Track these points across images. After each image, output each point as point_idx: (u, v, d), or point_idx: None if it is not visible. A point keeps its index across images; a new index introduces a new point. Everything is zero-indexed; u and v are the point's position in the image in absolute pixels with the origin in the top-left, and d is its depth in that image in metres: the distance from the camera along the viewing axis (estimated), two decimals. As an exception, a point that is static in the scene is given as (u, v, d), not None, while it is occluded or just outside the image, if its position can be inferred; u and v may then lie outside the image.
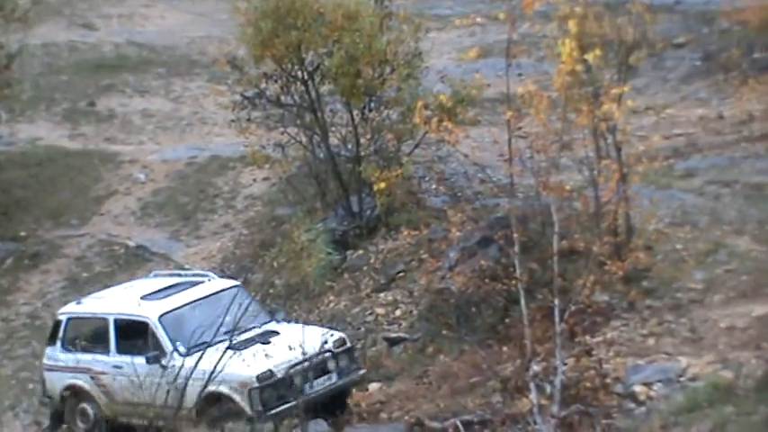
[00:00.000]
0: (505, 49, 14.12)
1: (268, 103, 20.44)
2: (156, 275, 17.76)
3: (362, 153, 19.96)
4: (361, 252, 19.63)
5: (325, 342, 15.66)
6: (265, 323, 16.30)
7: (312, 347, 15.48)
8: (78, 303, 17.27)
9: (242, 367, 15.21)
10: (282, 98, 20.38)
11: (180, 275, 17.50)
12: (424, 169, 20.69)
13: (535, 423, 10.49)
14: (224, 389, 15.25)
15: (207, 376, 14.98)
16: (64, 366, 16.73)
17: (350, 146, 20.20)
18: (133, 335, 16.07)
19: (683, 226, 16.86)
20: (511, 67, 13.73)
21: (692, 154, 19.48)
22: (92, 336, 16.55)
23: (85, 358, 16.50)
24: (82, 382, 16.51)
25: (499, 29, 20.32)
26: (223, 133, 24.56)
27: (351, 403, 15.70)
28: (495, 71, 20.21)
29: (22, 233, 22.53)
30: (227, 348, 15.24)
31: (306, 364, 15.41)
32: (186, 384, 15.07)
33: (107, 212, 23.10)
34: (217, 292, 16.46)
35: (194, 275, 17.40)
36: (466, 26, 26.27)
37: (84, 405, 16.51)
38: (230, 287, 16.68)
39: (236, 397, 15.22)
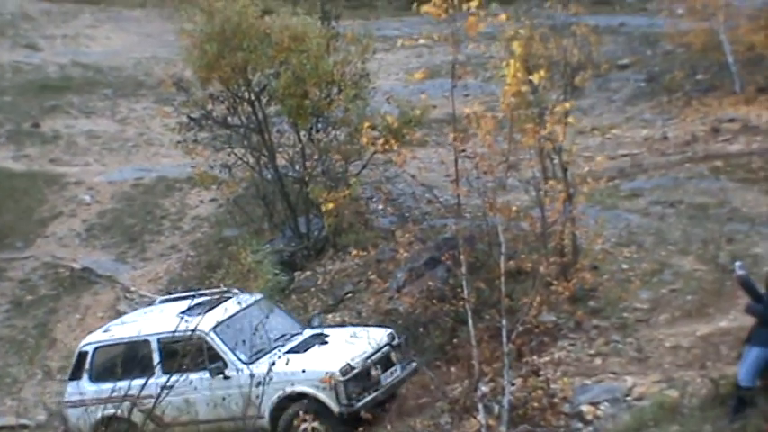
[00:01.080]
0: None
1: (215, 124, 20.40)
2: (163, 301, 17.36)
3: (310, 174, 19.94)
4: (309, 273, 19.59)
5: (387, 335, 15.62)
6: (305, 328, 16.34)
7: (373, 341, 15.40)
8: (106, 331, 16.64)
9: (320, 364, 15.08)
10: (229, 119, 20.35)
11: (191, 297, 16.94)
12: (371, 190, 20.71)
13: (483, 443, 10.52)
14: (306, 388, 15.03)
15: (281, 379, 14.73)
16: (93, 399, 15.81)
17: (297, 167, 20.18)
18: (180, 353, 15.08)
19: (628, 246, 16.98)
20: (457, 88, 13.77)
21: (638, 174, 19.64)
22: (128, 361, 15.57)
23: (123, 385, 14.70)
24: (119, 411, 14.85)
25: (446, 50, 20.34)
26: (170, 154, 24.44)
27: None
28: (442, 92, 20.17)
29: (-35, 255, 22.30)
30: (290, 351, 15.22)
31: (377, 355, 15.35)
32: (253, 390, 14.80)
33: (52, 234, 22.90)
34: (251, 304, 16.36)
35: (203, 295, 17.02)
36: (412, 47, 26.37)
37: None
38: (260, 298, 16.65)
39: (320, 394, 14.98)
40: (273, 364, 14.61)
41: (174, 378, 14.57)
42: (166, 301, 17.32)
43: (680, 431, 11.53)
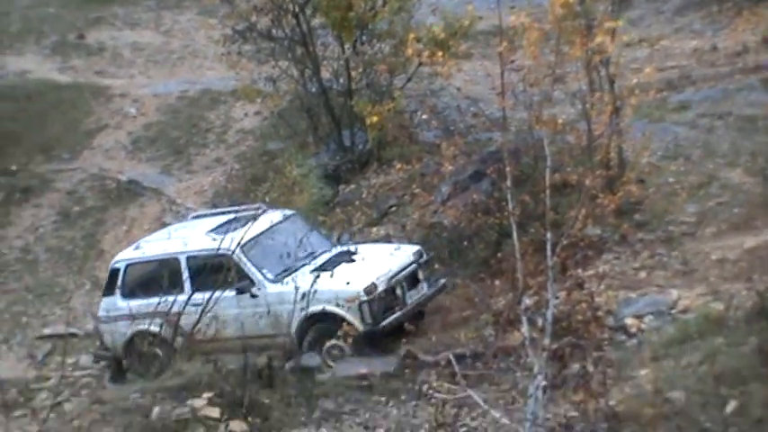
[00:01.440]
0: (498, -19, 14.03)
1: (259, 36, 20.33)
2: (196, 217, 17.42)
3: (354, 87, 19.88)
4: (353, 187, 19.60)
5: (414, 253, 15.63)
6: (334, 245, 16.32)
7: (400, 260, 15.41)
8: (137, 248, 16.75)
9: (344, 283, 15.12)
10: (273, 31, 20.25)
11: (223, 213, 17.09)
12: (416, 103, 20.62)
13: (527, 356, 10.53)
14: (331, 306, 15.06)
15: (306, 296, 14.81)
16: (126, 315, 16.05)
17: (341, 80, 20.11)
18: (209, 271, 15.57)
19: (675, 159, 16.85)
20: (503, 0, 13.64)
21: (686, 86, 19.42)
22: (158, 278, 15.86)
23: (154, 301, 15.62)
24: (153, 327, 15.71)
25: (492, -39, 20.16)
26: (214, 67, 24.43)
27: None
28: (488, 3, 20.03)
29: (14, 167, 22.47)
30: (318, 269, 15.28)
31: (402, 274, 15.36)
32: (279, 309, 15.01)
33: (98, 146, 23.03)
34: (282, 221, 16.34)
35: (237, 210, 17.01)
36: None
37: (156, 348, 15.77)
38: (291, 215, 16.62)
39: (345, 313, 15.03)
40: (297, 288, 14.85)
41: (201, 296, 15.23)
42: (198, 217, 17.33)
43: (725, 344, 11.52)
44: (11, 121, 23.58)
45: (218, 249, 15.48)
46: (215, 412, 12.31)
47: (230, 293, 15.37)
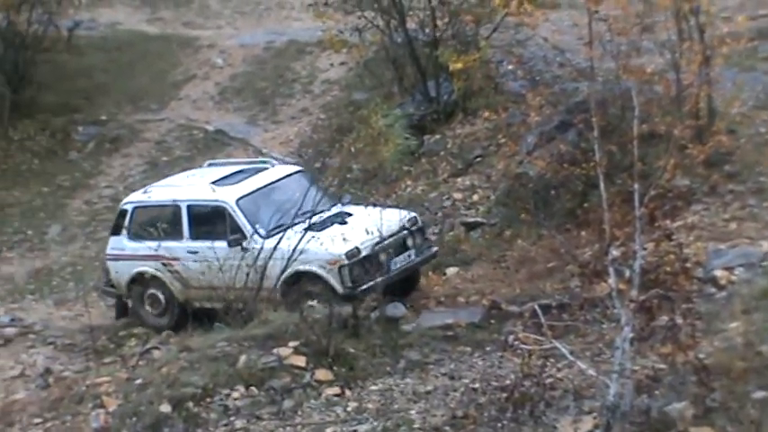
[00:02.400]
0: (587, -71, 13.83)
1: (346, -14, 20.32)
2: (210, 165, 17.75)
3: (440, 37, 19.80)
4: (438, 137, 19.58)
5: (405, 220, 15.78)
6: (333, 205, 16.41)
7: (389, 226, 15.59)
8: (145, 192, 17.23)
9: (330, 246, 15.33)
10: (360, -19, 20.24)
11: (236, 164, 17.48)
12: (502, 53, 20.49)
13: (614, 307, 10.45)
14: (313, 267, 15.35)
15: (292, 256, 15.13)
16: (131, 255, 16.68)
17: (427, 30, 20.05)
18: (208, 220, 16.18)
19: (766, 108, 16.55)
20: (592, -52, 13.45)
21: (778, 35, 19.05)
22: (162, 223, 16.40)
23: (156, 245, 16.35)
24: (152, 269, 16.52)
25: None
26: (300, 18, 24.49)
27: (423, 285, 15.79)
28: (576, -48, 19.82)
29: (103, 117, 22.75)
30: (307, 229, 15.42)
31: (388, 241, 15.54)
32: (267, 264, 15.26)
33: (186, 97, 23.23)
34: (286, 177, 16.63)
35: (251, 163, 17.45)
36: None
37: (155, 291, 16.60)
38: (296, 171, 16.87)
39: (326, 275, 15.32)
40: (280, 240, 15.20)
41: (198, 244, 15.88)
42: (213, 165, 17.63)
43: (816, 297, 11.34)
44: (101, 72, 23.87)
45: (216, 200, 15.99)
46: (301, 361, 12.40)
47: (224, 245, 15.73)
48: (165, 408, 11.90)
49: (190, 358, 12.61)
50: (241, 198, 16.06)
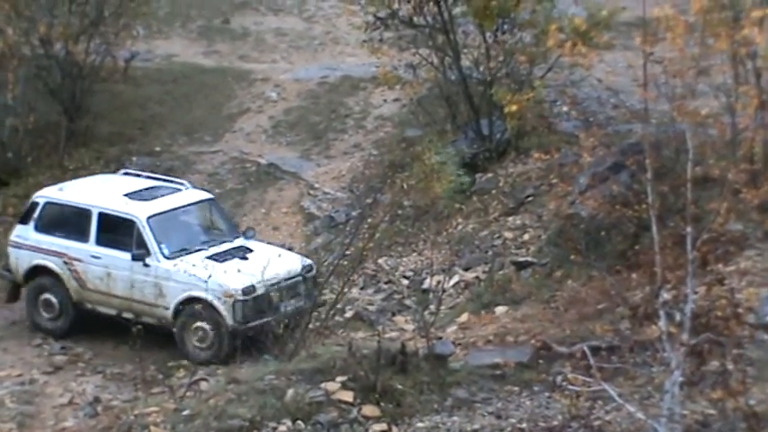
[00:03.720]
0: (643, -28, 13.79)
1: (400, 23, 20.43)
2: (125, 173, 18.50)
3: (494, 76, 19.82)
4: (490, 175, 19.57)
5: (301, 266, 16.65)
6: (236, 238, 17.25)
7: (285, 269, 16.39)
8: (60, 190, 17.82)
9: (228, 279, 16.21)
10: (415, 19, 20.33)
11: (151, 178, 18.18)
12: (555, 93, 20.48)
13: (664, 351, 10.38)
14: (208, 296, 16.20)
15: (190, 281, 16.12)
16: (34, 246, 17.42)
17: (481, 68, 20.09)
18: (116, 230, 16.90)
19: (822, 155, 16.39)
20: (648, -9, 13.41)
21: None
22: (70, 223, 17.24)
23: (60, 243, 17.21)
24: (52, 264, 17.25)
25: (637, -50, 19.89)
26: (355, 53, 24.58)
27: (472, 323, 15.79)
28: (632, -6, 19.81)
29: (158, 148, 22.92)
30: (209, 258, 16.41)
31: (283, 284, 16.36)
32: (167, 284, 16.38)
33: (239, 130, 23.36)
34: (197, 202, 17.47)
35: (166, 181, 18.11)
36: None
37: (49, 296, 17.36)
38: (207, 199, 17.73)
39: (219, 306, 16.16)
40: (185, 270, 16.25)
41: (101, 250, 16.85)
42: (128, 174, 18.42)
43: None
44: (157, 103, 24.06)
45: (128, 214, 16.84)
46: (348, 396, 12.41)
47: (127, 256, 16.60)
48: (212, 439, 11.93)
49: (237, 390, 12.64)
50: (152, 216, 16.82)
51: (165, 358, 16.72)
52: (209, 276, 16.22)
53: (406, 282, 18.38)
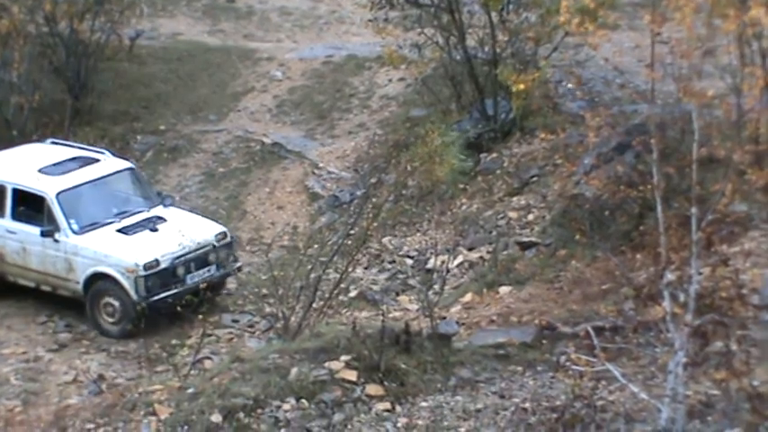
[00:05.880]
0: (651, -49, 13.76)
1: (406, 3, 20.37)
2: (53, 143, 18.59)
3: (499, 55, 19.78)
4: (494, 155, 19.55)
5: (213, 235, 16.85)
6: (154, 206, 17.42)
7: (195, 239, 16.56)
8: None
9: (130, 254, 16.46)
10: (420, -2, 20.28)
11: (75, 148, 18.34)
12: (561, 73, 20.44)
13: (668, 331, 10.39)
14: (112, 271, 16.53)
15: (96, 257, 16.45)
16: None
17: (487, 48, 20.05)
18: (30, 205, 17.16)
19: (828, 136, 16.37)
20: (656, -30, 13.36)
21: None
22: None
23: None
24: None
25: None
26: (360, 33, 24.55)
27: (476, 303, 15.81)
28: (639, -26, 19.79)
29: (162, 127, 22.91)
30: (118, 231, 16.69)
31: (190, 255, 16.59)
32: (75, 259, 16.69)
33: (244, 109, 23.35)
34: (114, 173, 17.63)
35: (89, 151, 18.27)
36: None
37: None
38: (125, 169, 17.87)
39: (123, 281, 16.48)
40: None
41: (17, 226, 17.17)
42: (55, 143, 18.58)
43: None
44: (162, 82, 24.05)
45: (39, 190, 17.11)
46: (352, 375, 12.43)
47: (39, 231, 16.90)
48: (216, 418, 11.96)
49: (242, 369, 12.66)
50: (62, 192, 17.05)
51: (169, 336, 16.76)
52: (113, 251, 16.53)
53: (410, 261, 18.38)
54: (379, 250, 18.61)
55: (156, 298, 16.42)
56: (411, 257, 18.49)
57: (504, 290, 16.12)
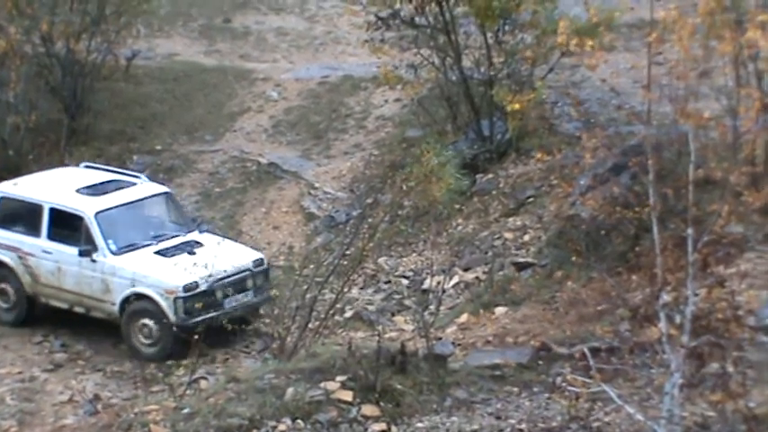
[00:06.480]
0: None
1: (402, 23, 20.43)
2: (87, 167, 18.55)
3: (495, 76, 19.82)
4: (490, 176, 19.57)
5: (250, 261, 16.76)
6: (190, 231, 17.33)
7: (233, 264, 16.49)
8: (15, 185, 17.99)
9: (170, 275, 16.31)
10: (416, 19, 20.34)
11: (111, 171, 18.30)
12: (557, 94, 20.47)
13: (664, 352, 10.38)
14: (151, 292, 16.36)
15: (134, 277, 16.32)
16: None
17: (483, 69, 20.10)
18: (66, 225, 17.02)
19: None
20: (652, -8, 13.41)
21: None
22: (24, 218, 17.40)
23: (14, 237, 17.40)
24: (7, 258, 17.44)
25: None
26: (356, 53, 24.59)
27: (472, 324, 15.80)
28: (634, -5, 19.81)
29: (158, 147, 22.92)
30: (156, 253, 16.54)
31: (229, 279, 16.43)
32: (113, 280, 16.57)
33: (240, 129, 23.37)
34: (151, 196, 17.60)
35: (125, 175, 18.24)
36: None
37: (5, 285, 17.50)
38: (161, 193, 17.83)
39: (162, 302, 16.30)
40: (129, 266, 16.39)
41: (52, 245, 17.05)
42: (90, 167, 18.54)
43: None
44: (158, 102, 24.07)
45: (77, 209, 16.98)
46: (348, 396, 12.40)
47: (76, 251, 16.75)
48: (212, 438, 11.93)
49: (237, 389, 12.63)
50: (101, 212, 16.91)
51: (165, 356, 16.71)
52: (153, 273, 16.38)
53: (405, 282, 18.38)
54: (374, 270, 18.60)
55: (194, 321, 16.04)
56: (407, 278, 18.48)
57: (499, 310, 16.10)
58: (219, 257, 16.36)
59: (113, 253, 16.75)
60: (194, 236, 17.34)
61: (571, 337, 13.95)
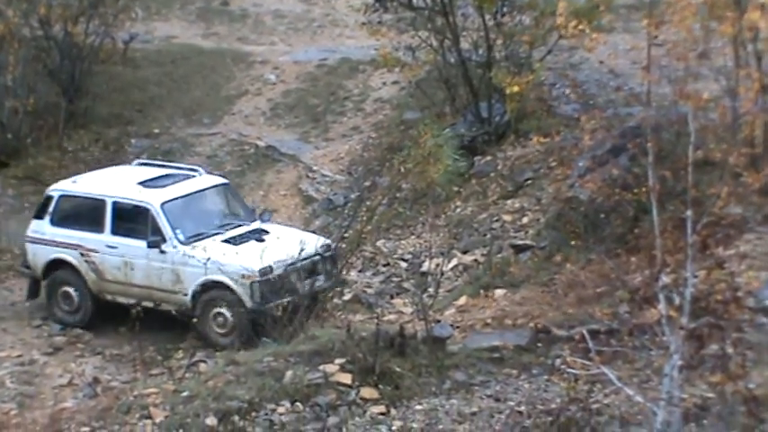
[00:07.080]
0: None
1: (400, 5, 20.40)
2: (140, 163, 18.41)
3: (493, 58, 19.79)
4: (489, 158, 19.55)
5: (319, 246, 16.47)
6: (253, 221, 17.13)
7: (303, 249, 16.15)
8: (74, 182, 17.78)
9: (245, 260, 16.02)
10: (414, 1, 20.29)
11: (166, 166, 18.13)
12: (555, 76, 20.45)
13: (663, 334, 10.37)
14: (226, 279, 16.04)
15: (208, 265, 15.93)
16: (50, 240, 17.31)
17: (481, 51, 20.06)
18: (131, 219, 16.81)
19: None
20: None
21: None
22: (85, 215, 17.17)
23: (76, 234, 17.14)
24: (70, 257, 17.18)
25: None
26: (354, 36, 24.56)
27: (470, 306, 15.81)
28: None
29: (156, 130, 22.91)
30: (225, 241, 16.26)
31: (300, 264, 16.17)
32: (184, 269, 16.23)
33: (238, 112, 23.35)
34: (211, 187, 17.37)
35: (182, 169, 18.07)
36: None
37: (68, 288, 17.28)
38: (221, 183, 17.64)
39: (237, 288, 16.01)
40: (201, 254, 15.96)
41: (117, 240, 16.77)
42: (144, 164, 18.34)
43: None
44: (156, 85, 24.05)
45: (142, 201, 16.71)
46: (347, 378, 12.41)
47: (143, 244, 16.48)
48: (211, 421, 11.93)
49: (236, 372, 12.64)
50: (166, 202, 16.69)
51: (164, 340, 16.73)
52: (226, 259, 16.05)
53: (404, 264, 18.37)
54: (373, 253, 18.60)
55: (270, 304, 15.76)
56: (405, 260, 18.48)
57: (498, 293, 16.09)
58: (289, 243, 16.17)
59: (182, 243, 16.45)
60: (259, 224, 17.14)
61: (570, 319, 13.95)
